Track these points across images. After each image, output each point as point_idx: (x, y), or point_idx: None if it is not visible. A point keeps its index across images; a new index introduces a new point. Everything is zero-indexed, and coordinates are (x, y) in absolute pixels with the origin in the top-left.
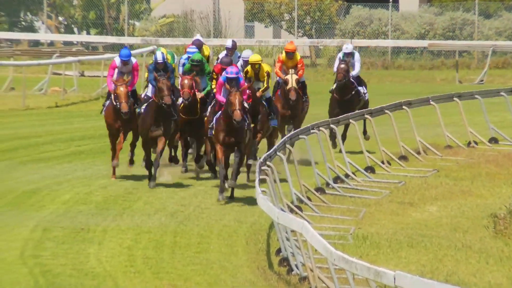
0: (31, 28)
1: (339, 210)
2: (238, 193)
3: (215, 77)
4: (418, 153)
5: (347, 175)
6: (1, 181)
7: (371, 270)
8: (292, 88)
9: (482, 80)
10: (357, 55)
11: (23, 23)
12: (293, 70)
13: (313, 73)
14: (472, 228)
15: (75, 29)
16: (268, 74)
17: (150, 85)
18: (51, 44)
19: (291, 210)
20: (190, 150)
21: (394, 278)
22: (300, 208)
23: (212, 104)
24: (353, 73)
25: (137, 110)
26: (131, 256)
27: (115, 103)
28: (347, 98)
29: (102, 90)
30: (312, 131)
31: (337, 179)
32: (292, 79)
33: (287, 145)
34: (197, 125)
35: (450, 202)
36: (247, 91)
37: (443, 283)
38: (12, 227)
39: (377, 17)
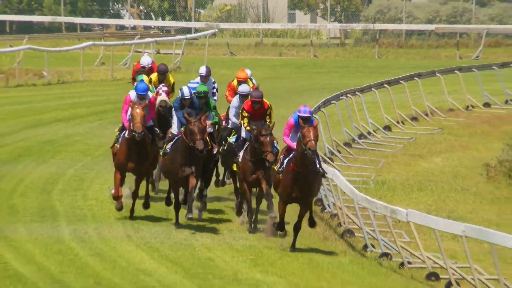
0: (117, 15)
1: (363, 161)
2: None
3: (246, 114)
4: (426, 115)
5: (369, 133)
6: (95, 137)
7: (388, 209)
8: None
9: (478, 56)
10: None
11: (111, 11)
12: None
13: (342, 51)
14: (469, 175)
15: (153, 16)
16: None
17: (175, 122)
18: (134, 28)
19: (324, 161)
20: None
21: (407, 215)
22: (331, 159)
23: (245, 148)
24: None
25: (161, 151)
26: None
27: (131, 128)
28: None
29: (173, 65)
30: (341, 97)
31: (361, 136)
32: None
33: (322, 109)
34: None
35: (451, 154)
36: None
37: (445, 219)
38: (103, 173)
39: (394, 6)
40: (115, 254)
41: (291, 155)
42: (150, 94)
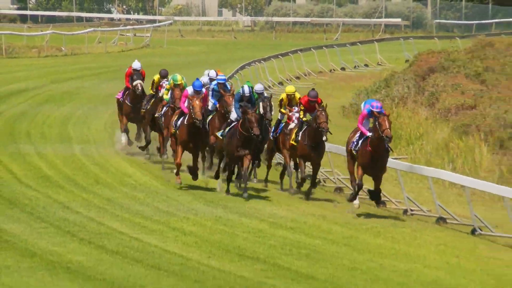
0: (109, 11)
1: None
2: None
3: (302, 108)
4: (305, 75)
5: (269, 86)
6: (95, 90)
7: None
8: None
9: (337, 38)
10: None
11: (105, 8)
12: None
13: (252, 35)
14: (331, 113)
15: (131, 11)
16: (300, 99)
17: (233, 111)
18: (119, 19)
19: None
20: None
21: None
22: None
23: (303, 130)
24: None
25: (219, 133)
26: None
27: (191, 117)
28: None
29: (144, 43)
30: (252, 64)
31: (264, 89)
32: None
33: (239, 72)
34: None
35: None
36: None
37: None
38: (101, 114)
39: (285, 6)
40: (108, 164)
41: (364, 137)
42: (204, 90)
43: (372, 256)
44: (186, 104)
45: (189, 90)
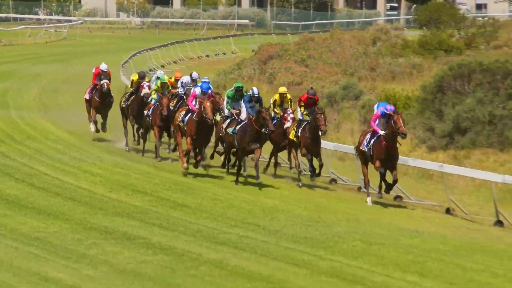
0: (37, 13)
1: None
2: None
3: (303, 104)
4: (180, 60)
5: (154, 68)
6: (29, 70)
7: None
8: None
9: (203, 34)
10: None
11: (34, 11)
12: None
13: (142, 31)
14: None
15: (53, 14)
16: (291, 100)
17: (244, 110)
18: (44, 19)
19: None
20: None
21: None
22: None
23: (302, 126)
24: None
25: (230, 130)
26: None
27: (201, 115)
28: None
29: (62, 37)
30: (142, 52)
31: (150, 70)
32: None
33: (133, 58)
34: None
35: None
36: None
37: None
38: (34, 89)
39: (165, 10)
40: (36, 124)
41: (376, 136)
42: (209, 90)
43: (229, 190)
44: (194, 103)
45: (197, 91)
